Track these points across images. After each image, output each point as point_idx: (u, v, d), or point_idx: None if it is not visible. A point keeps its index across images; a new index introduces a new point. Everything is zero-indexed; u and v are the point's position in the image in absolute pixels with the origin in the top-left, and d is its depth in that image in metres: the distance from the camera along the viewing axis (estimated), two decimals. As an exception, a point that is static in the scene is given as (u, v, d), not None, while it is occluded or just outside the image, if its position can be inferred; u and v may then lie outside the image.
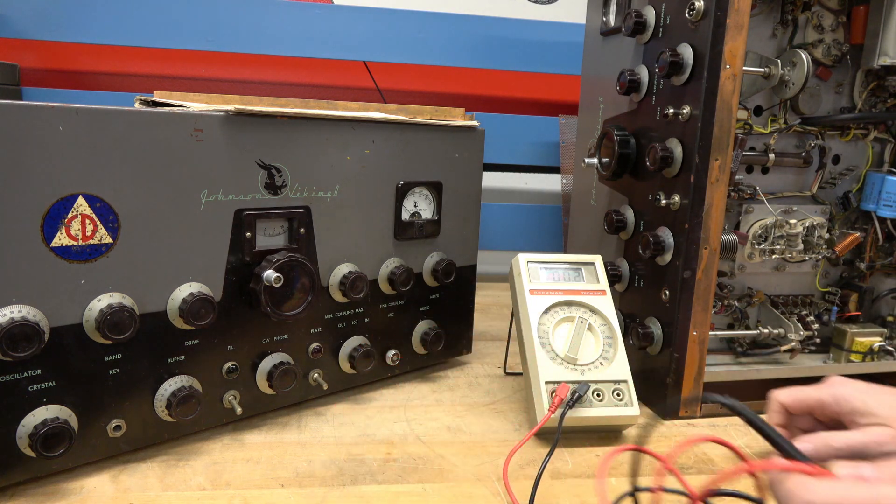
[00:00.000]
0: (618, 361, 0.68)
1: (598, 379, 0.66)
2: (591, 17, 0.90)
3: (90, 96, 1.16)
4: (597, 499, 0.55)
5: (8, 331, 0.47)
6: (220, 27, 1.16)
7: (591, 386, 0.66)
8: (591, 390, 0.66)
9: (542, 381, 0.65)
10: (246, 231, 0.61)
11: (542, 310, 0.69)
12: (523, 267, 0.72)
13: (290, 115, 0.63)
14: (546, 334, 0.68)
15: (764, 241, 0.78)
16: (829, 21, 0.76)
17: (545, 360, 0.67)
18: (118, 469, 0.57)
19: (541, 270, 0.73)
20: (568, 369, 0.67)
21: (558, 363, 0.67)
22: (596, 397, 0.66)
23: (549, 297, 0.70)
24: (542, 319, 0.69)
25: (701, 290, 0.68)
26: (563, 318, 0.70)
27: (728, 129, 0.65)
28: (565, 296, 0.71)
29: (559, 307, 0.70)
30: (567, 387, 0.64)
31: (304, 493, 0.54)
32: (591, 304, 0.71)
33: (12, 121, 0.47)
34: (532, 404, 0.66)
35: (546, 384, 0.65)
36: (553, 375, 0.66)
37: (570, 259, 0.74)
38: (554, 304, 0.70)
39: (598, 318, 0.70)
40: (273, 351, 0.66)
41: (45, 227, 0.50)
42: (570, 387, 0.64)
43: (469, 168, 0.80)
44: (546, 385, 0.65)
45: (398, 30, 1.23)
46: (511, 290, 0.75)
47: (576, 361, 0.67)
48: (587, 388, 0.65)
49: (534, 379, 0.66)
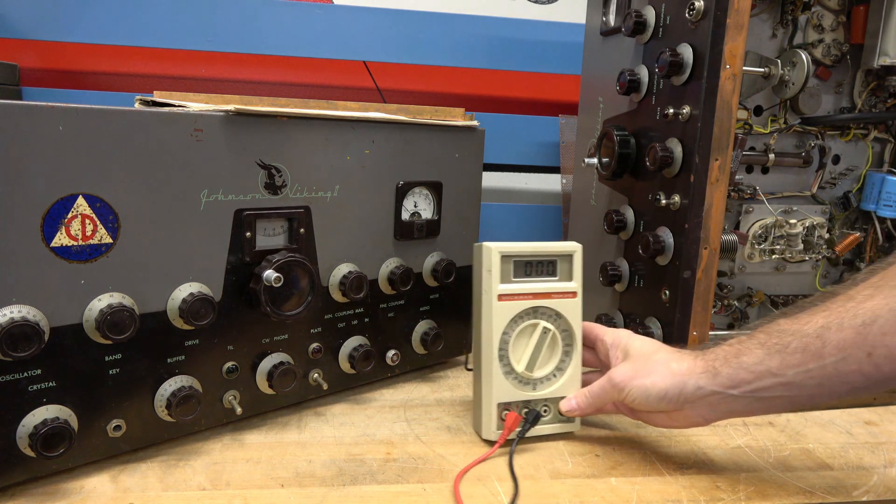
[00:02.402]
0: (571, 373, 0.66)
1: (548, 396, 0.65)
2: (591, 17, 0.90)
3: (90, 96, 1.16)
4: (597, 499, 0.55)
5: (8, 331, 0.47)
6: (220, 27, 1.16)
7: (540, 403, 0.65)
8: (540, 407, 0.65)
9: (494, 401, 0.63)
10: (246, 231, 0.61)
11: (508, 319, 0.64)
12: (494, 262, 0.63)
13: (290, 115, 0.63)
14: (506, 345, 0.64)
15: (764, 241, 0.78)
16: (829, 21, 0.76)
17: (500, 376, 0.64)
18: (118, 469, 0.57)
19: (513, 265, 0.65)
20: (521, 386, 0.65)
21: (512, 379, 0.64)
22: (544, 412, 0.65)
23: (518, 304, 0.64)
24: (506, 328, 0.64)
25: (701, 290, 0.68)
26: (526, 326, 0.65)
27: (728, 129, 0.65)
28: (534, 300, 0.64)
29: (525, 314, 0.65)
30: (517, 418, 0.63)
31: (304, 493, 0.54)
32: (558, 310, 0.65)
33: (12, 121, 0.47)
34: (479, 414, 0.65)
35: (497, 406, 0.64)
36: (505, 396, 0.64)
37: (547, 250, 0.66)
38: (521, 311, 0.64)
39: (561, 322, 0.66)
40: (273, 351, 0.66)
41: (45, 227, 0.50)
42: (520, 417, 0.64)
43: (469, 168, 0.80)
44: (497, 406, 0.64)
45: (398, 30, 1.23)
46: (474, 278, 0.67)
47: (531, 378, 0.65)
48: (537, 412, 0.65)
49: (485, 396, 0.64)
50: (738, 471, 0.61)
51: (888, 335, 0.46)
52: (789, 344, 0.50)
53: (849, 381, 0.48)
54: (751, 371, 0.52)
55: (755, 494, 0.57)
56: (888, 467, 0.63)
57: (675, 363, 0.57)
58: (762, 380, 0.51)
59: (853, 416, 0.74)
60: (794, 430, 0.70)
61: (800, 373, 0.49)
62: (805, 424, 0.72)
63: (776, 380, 0.51)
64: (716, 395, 0.54)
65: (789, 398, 0.51)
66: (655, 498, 0.56)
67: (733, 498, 0.56)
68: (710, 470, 0.61)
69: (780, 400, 0.52)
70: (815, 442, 0.68)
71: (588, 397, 0.63)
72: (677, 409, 0.56)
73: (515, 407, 0.65)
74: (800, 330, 0.50)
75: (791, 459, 0.64)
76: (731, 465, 0.62)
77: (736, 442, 0.67)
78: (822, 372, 0.49)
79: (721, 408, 0.55)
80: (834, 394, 0.50)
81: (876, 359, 0.46)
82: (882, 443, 0.68)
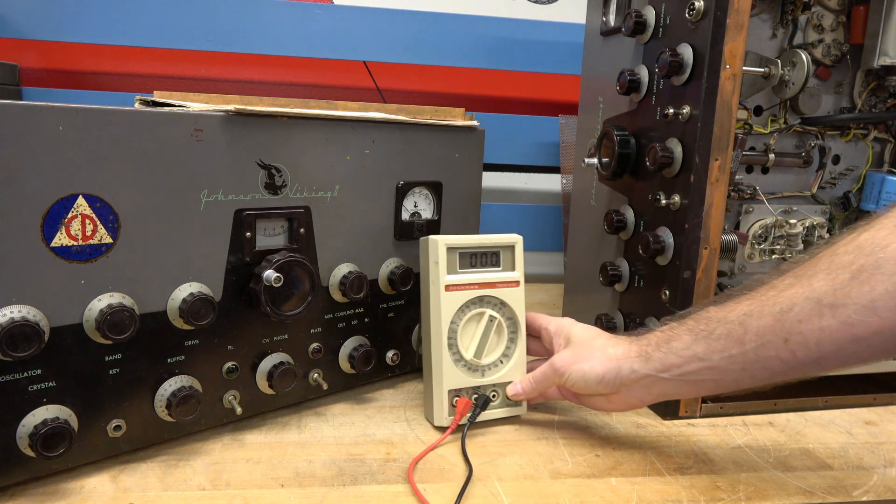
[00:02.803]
0: (517, 359, 0.69)
1: (497, 381, 0.69)
2: (591, 17, 0.89)
3: (90, 96, 1.16)
4: (597, 499, 0.55)
5: (8, 331, 0.47)
6: (220, 27, 1.16)
7: (489, 389, 0.68)
8: (489, 392, 0.68)
9: (444, 388, 0.66)
10: (246, 231, 0.61)
11: (456, 308, 0.67)
12: (441, 254, 0.66)
13: (290, 115, 0.63)
14: (455, 334, 0.67)
15: (764, 241, 0.78)
16: (829, 21, 0.76)
17: (450, 364, 0.66)
18: (118, 469, 0.57)
19: (458, 257, 0.67)
20: (470, 373, 0.68)
21: (462, 366, 0.67)
22: (492, 397, 0.68)
23: (465, 294, 0.67)
24: (454, 317, 0.67)
25: (701, 290, 0.68)
26: (473, 315, 0.68)
27: (728, 129, 0.65)
28: (480, 290, 0.68)
29: (471, 303, 0.68)
30: (468, 403, 0.66)
31: (304, 493, 0.54)
32: (502, 298, 0.69)
33: (12, 121, 0.47)
34: (430, 402, 0.68)
35: (448, 392, 0.66)
36: (456, 383, 0.67)
37: (491, 242, 0.69)
38: (468, 300, 0.67)
39: (506, 310, 0.69)
40: (273, 351, 0.66)
41: (45, 227, 0.50)
42: (471, 403, 0.67)
43: (469, 168, 0.80)
44: (448, 393, 0.66)
45: (398, 30, 1.23)
46: (422, 270, 0.70)
47: (479, 364, 0.68)
48: (486, 397, 0.68)
49: (436, 383, 0.67)
50: (738, 471, 0.61)
51: (803, 322, 0.47)
52: (714, 330, 0.53)
53: (768, 367, 0.51)
54: (679, 356, 0.55)
55: (755, 494, 0.57)
56: (888, 467, 0.63)
57: (611, 349, 0.61)
58: (690, 364, 0.54)
59: (853, 416, 0.74)
60: (794, 430, 0.70)
61: (724, 358, 0.52)
62: (805, 424, 0.72)
63: (703, 364, 0.54)
64: (648, 378, 0.57)
65: (715, 381, 0.54)
66: (655, 498, 0.56)
67: (733, 498, 0.56)
68: (710, 470, 0.61)
69: (708, 382, 0.55)
70: (815, 442, 0.68)
71: (532, 382, 0.67)
72: (614, 391, 0.60)
73: (466, 393, 0.68)
74: (725, 317, 0.53)
75: (791, 459, 0.64)
76: (731, 465, 0.62)
77: (736, 442, 0.67)
78: (744, 357, 0.51)
79: (654, 390, 0.58)
80: (756, 378, 0.52)
81: (792, 345, 0.48)
82: (882, 443, 0.68)
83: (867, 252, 0.45)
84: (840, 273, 0.46)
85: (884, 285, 0.44)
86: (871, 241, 0.45)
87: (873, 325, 0.45)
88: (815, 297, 0.47)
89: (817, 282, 0.47)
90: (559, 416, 0.71)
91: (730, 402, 0.72)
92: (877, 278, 0.44)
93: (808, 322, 0.47)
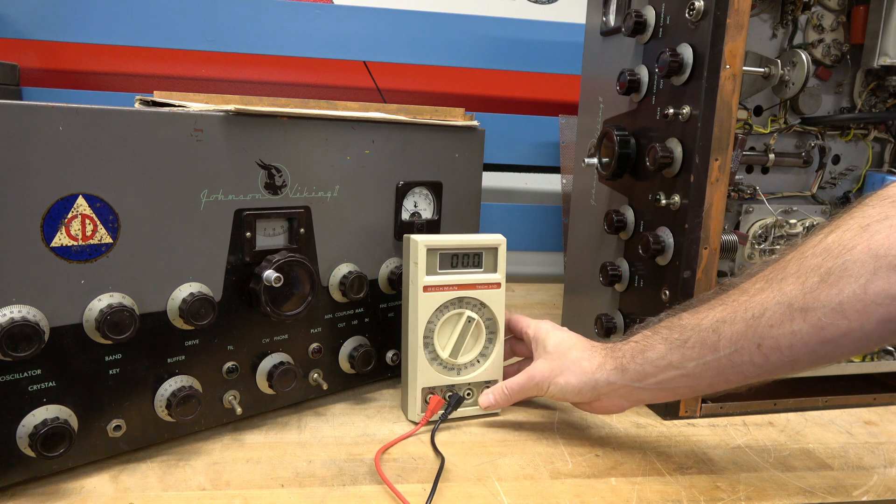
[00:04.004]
0: (494, 359, 0.70)
1: (472, 381, 0.70)
2: (591, 17, 0.89)
3: (90, 96, 1.16)
4: (597, 499, 0.55)
5: (8, 331, 0.47)
6: (220, 27, 1.16)
7: (464, 387, 0.70)
8: (463, 391, 0.69)
9: (418, 386, 0.68)
10: (246, 231, 0.61)
11: (433, 309, 0.67)
12: (420, 255, 0.66)
13: (290, 115, 0.63)
14: (431, 333, 0.67)
15: (764, 241, 0.78)
16: (829, 21, 0.76)
17: (425, 362, 0.68)
18: (118, 469, 0.57)
19: (439, 258, 0.67)
20: (445, 371, 0.69)
21: (437, 364, 0.68)
22: (467, 395, 0.70)
23: (443, 295, 0.67)
24: (431, 317, 0.67)
25: (701, 290, 0.68)
26: (452, 315, 0.68)
27: (728, 129, 0.65)
28: (460, 291, 0.68)
29: (450, 303, 0.68)
30: (440, 401, 0.68)
31: (304, 493, 0.54)
32: (482, 300, 0.69)
33: (12, 121, 0.47)
34: (406, 397, 0.69)
35: (422, 390, 0.68)
36: (430, 381, 0.68)
37: (473, 243, 0.68)
38: (446, 301, 0.67)
39: (486, 311, 0.69)
40: (273, 351, 0.66)
41: (45, 227, 0.50)
42: (443, 401, 0.68)
43: (469, 168, 0.80)
44: (422, 391, 0.68)
45: (398, 30, 1.23)
46: (403, 269, 0.71)
47: (455, 363, 0.69)
48: (459, 396, 0.69)
49: (411, 381, 0.68)
50: (738, 471, 0.61)
51: (775, 327, 0.48)
52: (689, 339, 0.54)
53: (742, 371, 0.51)
54: (655, 365, 0.56)
55: (755, 494, 0.57)
56: (888, 467, 0.63)
57: (586, 362, 0.62)
58: (665, 372, 0.56)
59: (853, 416, 0.74)
60: (794, 430, 0.70)
61: (699, 365, 0.53)
62: (805, 424, 0.72)
63: (678, 372, 0.55)
64: (626, 388, 0.59)
65: (691, 387, 0.56)
66: (655, 498, 0.56)
67: (733, 498, 0.56)
68: (710, 470, 0.61)
69: (683, 388, 0.57)
70: (815, 442, 0.68)
71: (505, 393, 0.68)
72: (594, 399, 0.62)
73: (440, 391, 0.69)
74: (698, 324, 0.54)
75: (791, 459, 0.64)
76: (731, 465, 0.62)
77: (736, 442, 0.67)
78: (719, 363, 0.52)
79: (633, 397, 0.60)
80: (731, 381, 0.54)
81: (765, 350, 0.49)
82: (882, 443, 0.68)
83: (835, 254, 0.46)
84: (809, 276, 0.47)
85: (851, 287, 0.44)
86: (838, 243, 0.46)
87: (842, 328, 0.45)
88: (786, 302, 0.47)
89: (787, 286, 0.48)
90: (559, 416, 0.71)
91: (730, 402, 0.72)
92: (844, 281, 0.45)
93: (780, 326, 0.48)
